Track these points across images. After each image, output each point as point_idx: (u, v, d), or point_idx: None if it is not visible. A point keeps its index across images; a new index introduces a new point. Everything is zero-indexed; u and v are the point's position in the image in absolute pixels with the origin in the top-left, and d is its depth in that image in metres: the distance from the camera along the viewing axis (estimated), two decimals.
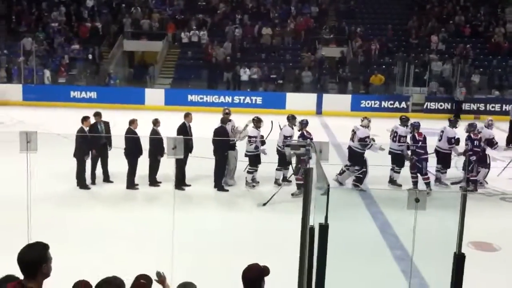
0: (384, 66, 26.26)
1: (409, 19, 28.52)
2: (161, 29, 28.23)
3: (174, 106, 22.62)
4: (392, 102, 23.79)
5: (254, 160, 11.71)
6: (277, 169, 11.87)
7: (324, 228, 3.88)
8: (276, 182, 11.79)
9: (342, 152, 14.98)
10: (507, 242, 8.86)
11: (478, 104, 23.50)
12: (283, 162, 11.76)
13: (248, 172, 11.76)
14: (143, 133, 11.28)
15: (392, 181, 12.09)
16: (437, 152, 12.26)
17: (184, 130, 11.40)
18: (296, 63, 26.45)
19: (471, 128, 11.88)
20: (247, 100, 23.83)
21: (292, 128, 11.88)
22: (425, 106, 23.72)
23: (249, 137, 11.50)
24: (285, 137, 11.60)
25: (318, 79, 25.18)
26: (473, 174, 11.79)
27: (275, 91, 24.74)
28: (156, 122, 11.35)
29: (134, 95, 23.87)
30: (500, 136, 13.97)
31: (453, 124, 12.28)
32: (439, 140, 12.22)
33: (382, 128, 14.70)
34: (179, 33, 27.83)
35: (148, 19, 28.46)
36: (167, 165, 10.83)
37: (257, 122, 11.71)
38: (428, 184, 11.43)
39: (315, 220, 4.16)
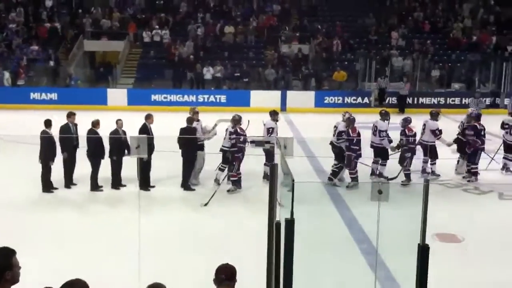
0: (346, 63, 26.53)
1: (369, 16, 28.89)
2: (122, 28, 27.91)
3: (137, 106, 22.36)
4: (355, 97, 24.06)
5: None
6: (220, 169, 11.70)
7: (290, 223, 3.88)
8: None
9: (307, 147, 15.10)
10: (470, 233, 9.04)
11: (439, 98, 23.94)
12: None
13: (220, 169, 11.68)
14: (106, 134, 11.11)
15: (374, 173, 12.27)
16: (422, 145, 12.49)
17: (145, 131, 11.19)
18: (259, 61, 26.49)
19: (405, 123, 11.98)
20: (212, 98, 23.75)
21: (275, 123, 12.11)
22: (387, 101, 24.05)
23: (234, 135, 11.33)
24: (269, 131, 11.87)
25: (282, 77, 25.28)
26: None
27: (239, 89, 24.73)
28: (118, 122, 11.23)
29: (96, 96, 23.50)
30: (451, 128, 14.19)
31: (434, 117, 12.54)
32: (422, 134, 12.48)
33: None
34: (140, 32, 27.55)
35: (109, 19, 28.08)
36: (131, 166, 10.68)
37: (237, 121, 11.50)
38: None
39: (281, 215, 4.17)
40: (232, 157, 11.17)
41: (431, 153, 12.44)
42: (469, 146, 12.21)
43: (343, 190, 11.43)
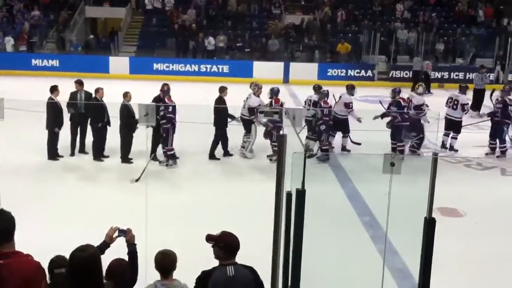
0: (350, 35, 26.27)
1: None
2: None
3: (140, 75, 22.25)
4: (358, 70, 23.88)
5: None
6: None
7: (301, 194, 3.89)
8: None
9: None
10: (471, 207, 9.09)
11: (443, 73, 23.76)
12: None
13: (309, 138, 11.78)
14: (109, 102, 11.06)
15: (444, 146, 12.54)
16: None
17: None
18: (263, 31, 26.23)
19: (323, 96, 11.77)
20: (214, 69, 23.59)
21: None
22: (390, 75, 23.90)
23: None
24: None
25: (285, 48, 25.05)
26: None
27: (242, 60, 24.53)
28: (126, 95, 10.94)
29: (98, 64, 23.27)
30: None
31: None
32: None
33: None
34: None
35: None
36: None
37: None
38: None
39: (287, 186, 4.17)
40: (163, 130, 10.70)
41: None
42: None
43: (345, 163, 11.44)
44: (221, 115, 11.37)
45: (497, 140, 12.12)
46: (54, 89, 10.95)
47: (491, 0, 28.31)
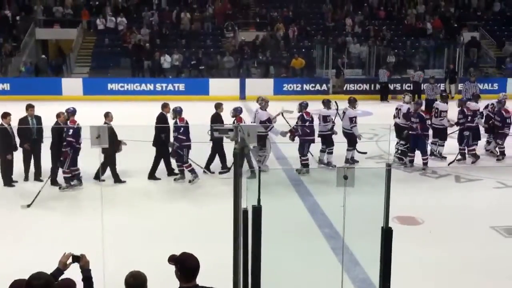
0: (304, 50, 26.63)
1: (326, 2, 29.03)
2: (75, 16, 27.21)
3: (94, 95, 21.95)
4: (313, 85, 24.21)
5: (329, 139, 12.04)
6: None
7: (257, 210, 3.88)
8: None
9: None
10: (429, 215, 9.25)
11: (395, 84, 24.30)
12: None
13: (321, 151, 12.08)
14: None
15: (433, 154, 12.79)
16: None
17: (163, 120, 11.28)
18: (217, 49, 26.31)
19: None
20: (170, 87, 23.49)
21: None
22: (345, 88, 24.29)
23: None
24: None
25: (240, 64, 25.19)
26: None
27: (197, 77, 24.52)
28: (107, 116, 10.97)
29: (51, 86, 22.91)
30: None
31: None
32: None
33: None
34: (94, 19, 26.92)
35: (61, 6, 27.33)
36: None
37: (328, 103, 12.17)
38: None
39: (247, 203, 4.16)
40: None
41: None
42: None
43: (304, 177, 11.51)
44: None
45: (418, 151, 12.27)
46: (5, 116, 10.67)
47: (440, 12, 29.20)
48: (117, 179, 10.99)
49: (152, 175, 11.30)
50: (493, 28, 29.00)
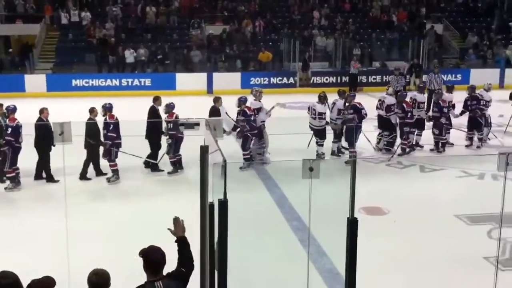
0: (270, 43, 26.65)
1: None
2: (38, 11, 26.66)
3: (58, 92, 21.58)
4: (280, 78, 24.24)
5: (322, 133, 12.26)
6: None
7: (223, 204, 3.89)
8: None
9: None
10: (394, 205, 9.41)
11: (360, 77, 24.52)
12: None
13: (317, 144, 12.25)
14: (26, 122, 10.63)
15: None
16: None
17: (156, 114, 11.38)
18: (184, 43, 26.13)
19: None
20: (136, 82, 23.22)
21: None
22: (311, 81, 24.42)
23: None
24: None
25: (208, 58, 25.07)
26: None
27: (164, 72, 24.31)
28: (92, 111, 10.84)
29: (13, 82, 22.35)
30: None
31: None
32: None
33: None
34: (57, 14, 26.43)
35: (23, 0, 26.75)
36: None
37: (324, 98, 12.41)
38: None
39: (214, 197, 4.16)
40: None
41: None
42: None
43: (271, 169, 11.55)
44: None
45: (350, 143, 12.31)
46: None
47: (404, 5, 29.56)
48: (100, 173, 10.91)
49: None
50: (456, 20, 29.51)
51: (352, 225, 4.57)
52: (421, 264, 7.32)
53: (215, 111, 11.93)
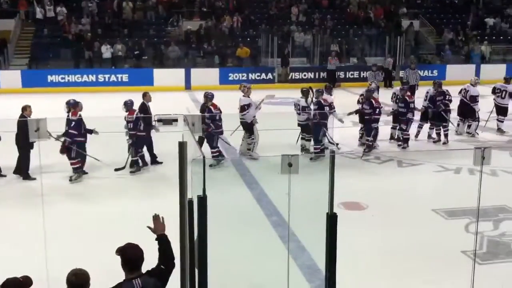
0: (248, 39, 26.62)
1: None
2: (13, 6, 26.21)
3: (33, 88, 21.27)
4: (258, 74, 24.26)
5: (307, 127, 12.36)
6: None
7: (202, 200, 3.86)
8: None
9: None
10: (373, 200, 9.46)
11: (338, 73, 24.65)
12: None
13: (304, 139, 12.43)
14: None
15: (393, 138, 13.45)
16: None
17: (145, 110, 11.27)
18: (161, 38, 25.95)
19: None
20: (113, 78, 23.02)
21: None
22: (290, 77, 24.47)
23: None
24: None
25: (185, 54, 24.94)
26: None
27: (141, 68, 24.11)
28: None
29: None
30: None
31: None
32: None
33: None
34: (32, 9, 26.02)
35: None
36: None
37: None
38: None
39: (193, 193, 4.13)
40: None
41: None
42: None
43: (251, 165, 11.55)
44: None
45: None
46: None
47: (381, 1, 29.75)
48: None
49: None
50: (432, 16, 29.81)
51: (332, 220, 4.58)
52: (399, 258, 7.37)
53: (205, 109, 11.63)
